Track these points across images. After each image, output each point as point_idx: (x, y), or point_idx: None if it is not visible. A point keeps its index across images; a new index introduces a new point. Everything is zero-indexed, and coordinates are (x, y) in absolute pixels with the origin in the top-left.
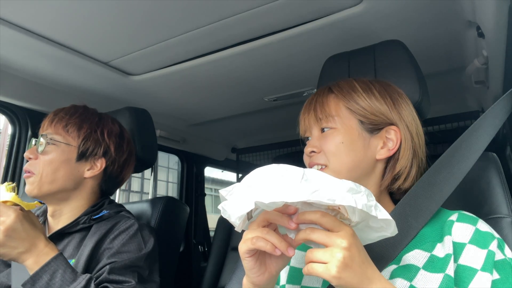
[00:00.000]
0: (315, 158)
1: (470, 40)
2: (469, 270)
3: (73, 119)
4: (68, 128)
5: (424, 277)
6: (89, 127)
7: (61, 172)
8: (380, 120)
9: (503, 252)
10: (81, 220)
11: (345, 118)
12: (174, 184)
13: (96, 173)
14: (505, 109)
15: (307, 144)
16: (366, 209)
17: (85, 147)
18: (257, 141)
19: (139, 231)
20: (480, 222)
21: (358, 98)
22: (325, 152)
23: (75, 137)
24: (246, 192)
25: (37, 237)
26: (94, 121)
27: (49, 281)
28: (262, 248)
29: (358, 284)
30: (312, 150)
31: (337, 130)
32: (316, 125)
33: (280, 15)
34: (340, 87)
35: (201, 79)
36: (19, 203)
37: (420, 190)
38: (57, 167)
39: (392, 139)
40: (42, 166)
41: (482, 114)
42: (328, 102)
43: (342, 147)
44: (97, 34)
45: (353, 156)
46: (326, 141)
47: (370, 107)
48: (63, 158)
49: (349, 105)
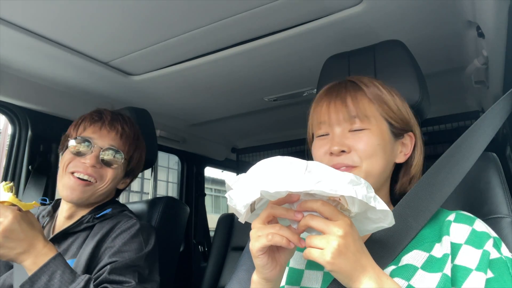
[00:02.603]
0: (345, 159)
1: (470, 40)
2: (464, 270)
3: (135, 140)
4: (131, 148)
5: (422, 277)
6: (141, 152)
7: (112, 185)
8: (404, 126)
9: (499, 250)
10: (85, 219)
11: (378, 120)
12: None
13: (126, 186)
14: (505, 109)
15: (330, 142)
16: (366, 200)
17: (135, 168)
18: (257, 141)
19: (140, 230)
20: (477, 222)
21: (388, 101)
22: (359, 152)
23: (133, 158)
24: (252, 182)
25: (35, 238)
26: (143, 147)
27: (48, 282)
28: (278, 243)
29: (351, 270)
30: (343, 150)
31: (372, 132)
32: (346, 123)
33: (280, 15)
34: (368, 86)
35: (201, 79)
36: (16, 204)
37: (420, 190)
38: (116, 182)
39: (407, 144)
40: (109, 178)
41: (482, 114)
42: (362, 100)
43: (378, 149)
44: (97, 34)
45: (385, 159)
46: (360, 141)
47: (399, 111)
48: (119, 174)
49: (382, 107)
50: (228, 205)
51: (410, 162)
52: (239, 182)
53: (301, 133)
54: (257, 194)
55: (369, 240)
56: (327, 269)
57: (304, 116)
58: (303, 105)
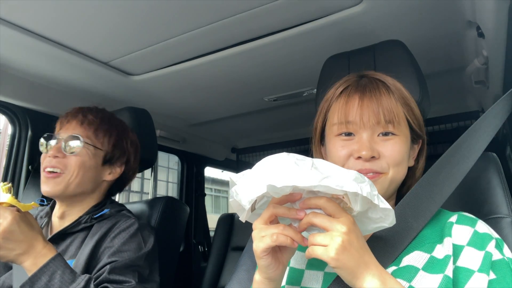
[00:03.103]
0: (373, 165)
1: (470, 40)
2: (466, 271)
3: (103, 124)
4: (98, 133)
5: (423, 278)
6: (117, 135)
7: (89, 175)
8: (420, 132)
9: (502, 252)
10: (83, 220)
11: (405, 126)
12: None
13: (115, 177)
14: (505, 109)
15: (357, 144)
16: (370, 197)
17: (113, 154)
18: (257, 141)
19: (139, 230)
20: (479, 223)
21: (412, 105)
22: (388, 159)
23: (105, 143)
24: (258, 177)
25: (34, 239)
26: (120, 130)
27: (48, 282)
28: (283, 243)
29: (355, 267)
30: (373, 156)
31: (400, 138)
32: (378, 126)
33: (280, 15)
34: (396, 87)
35: (201, 79)
36: (15, 205)
37: (420, 191)
38: (88, 169)
39: (415, 148)
40: (74, 167)
41: (482, 114)
42: (396, 104)
43: (405, 157)
44: (97, 34)
45: (406, 166)
46: (389, 148)
47: (419, 116)
48: (93, 162)
49: (408, 112)
50: (230, 202)
51: (416, 165)
52: (244, 178)
53: (301, 133)
54: (263, 189)
55: (369, 240)
56: (331, 265)
57: (304, 116)
58: (303, 105)
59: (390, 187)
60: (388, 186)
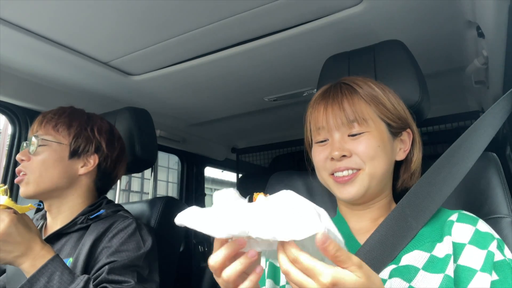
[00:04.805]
0: (347, 162)
1: (470, 40)
2: (468, 270)
3: (62, 118)
4: (58, 128)
5: (424, 278)
6: (78, 125)
7: (55, 171)
8: (402, 124)
9: (503, 253)
10: (79, 220)
11: (376, 122)
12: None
13: (90, 169)
14: (505, 109)
15: (330, 147)
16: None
17: (77, 145)
18: (257, 141)
19: (137, 230)
20: (480, 222)
21: (384, 101)
22: (361, 155)
23: (66, 136)
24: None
25: (32, 240)
26: (83, 119)
27: (47, 283)
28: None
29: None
30: (344, 154)
31: (371, 134)
32: (344, 127)
33: (280, 15)
34: (362, 88)
35: (201, 79)
36: (12, 207)
37: (420, 190)
38: (50, 165)
39: (405, 141)
40: (35, 166)
41: (482, 114)
42: (359, 103)
43: (379, 151)
44: (97, 34)
45: (387, 160)
46: (360, 144)
47: (395, 110)
48: (56, 157)
49: (378, 108)
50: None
51: (409, 158)
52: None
53: (301, 133)
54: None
55: (369, 240)
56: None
57: (304, 116)
58: (303, 105)
59: (371, 182)
60: (369, 182)
